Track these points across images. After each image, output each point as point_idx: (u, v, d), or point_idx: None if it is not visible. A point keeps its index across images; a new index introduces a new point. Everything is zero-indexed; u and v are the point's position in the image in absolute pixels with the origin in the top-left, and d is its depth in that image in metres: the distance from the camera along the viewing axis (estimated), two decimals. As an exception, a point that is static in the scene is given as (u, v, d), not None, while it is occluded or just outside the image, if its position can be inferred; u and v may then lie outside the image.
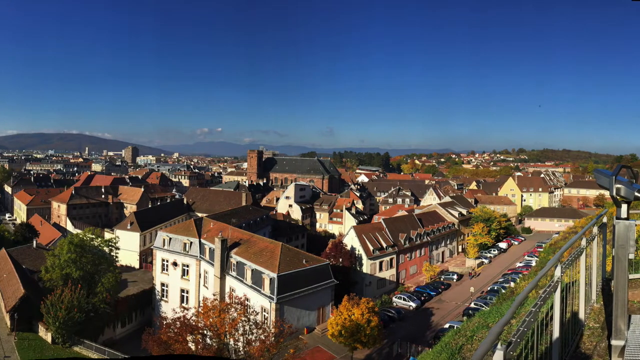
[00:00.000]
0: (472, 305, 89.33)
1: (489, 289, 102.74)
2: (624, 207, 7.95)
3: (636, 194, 7.37)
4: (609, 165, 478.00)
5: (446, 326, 77.13)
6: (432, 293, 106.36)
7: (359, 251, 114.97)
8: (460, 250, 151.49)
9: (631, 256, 8.32)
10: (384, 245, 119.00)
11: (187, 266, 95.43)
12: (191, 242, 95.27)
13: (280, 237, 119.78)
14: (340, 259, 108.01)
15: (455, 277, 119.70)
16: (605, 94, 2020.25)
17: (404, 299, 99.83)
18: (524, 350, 6.40)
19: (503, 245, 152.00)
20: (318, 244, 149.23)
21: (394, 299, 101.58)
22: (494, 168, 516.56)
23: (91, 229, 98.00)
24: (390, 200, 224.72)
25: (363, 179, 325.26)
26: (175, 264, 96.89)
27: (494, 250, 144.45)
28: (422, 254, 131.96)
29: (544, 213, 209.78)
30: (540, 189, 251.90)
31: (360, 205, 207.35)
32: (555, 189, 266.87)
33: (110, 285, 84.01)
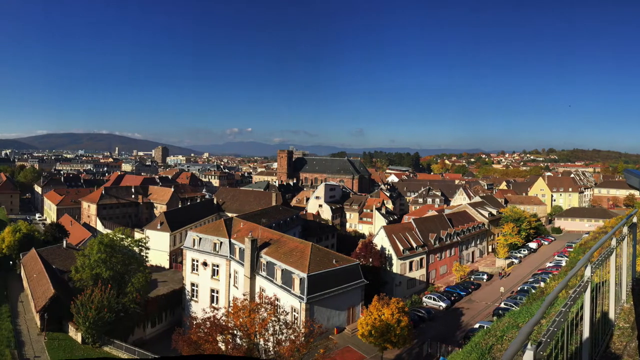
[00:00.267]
0: (502, 305, 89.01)
1: (519, 289, 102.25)
2: None
3: None
4: (639, 165, 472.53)
5: (476, 326, 76.83)
6: (462, 293, 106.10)
7: (389, 251, 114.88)
8: (490, 250, 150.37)
9: None
10: (414, 245, 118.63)
11: (217, 266, 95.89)
12: (221, 242, 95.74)
13: (310, 237, 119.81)
14: (370, 259, 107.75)
15: (485, 277, 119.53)
16: (636, 92, 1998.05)
17: (434, 299, 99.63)
18: (553, 350, 6.38)
19: (533, 245, 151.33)
20: (348, 244, 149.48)
21: (424, 299, 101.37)
22: (524, 168, 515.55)
23: (121, 229, 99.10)
24: (420, 200, 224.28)
25: (393, 179, 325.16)
26: (205, 264, 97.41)
27: (524, 250, 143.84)
28: (452, 254, 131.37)
29: (574, 213, 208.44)
30: (570, 189, 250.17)
31: (390, 205, 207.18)
32: (585, 189, 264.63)
33: (140, 285, 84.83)
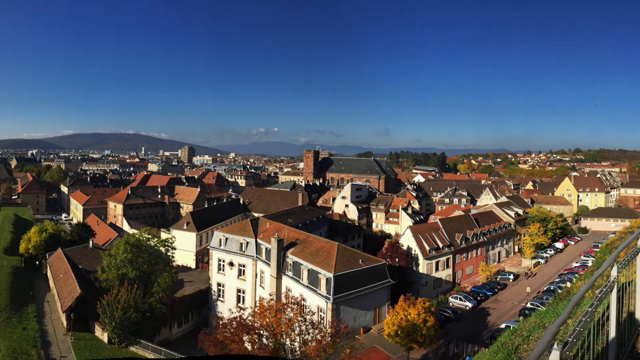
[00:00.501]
0: (529, 305, 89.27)
1: (545, 289, 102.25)
2: None
3: None
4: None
5: (502, 326, 76.77)
6: (489, 293, 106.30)
7: (415, 251, 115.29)
8: (516, 250, 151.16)
9: None
10: (441, 245, 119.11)
11: (244, 266, 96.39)
12: (247, 242, 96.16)
13: (337, 237, 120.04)
14: (397, 259, 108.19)
15: (511, 277, 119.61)
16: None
17: (460, 299, 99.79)
18: (580, 350, 6.38)
19: (559, 245, 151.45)
20: (374, 244, 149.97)
21: (450, 298, 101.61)
22: (550, 168, 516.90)
23: (147, 229, 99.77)
24: (447, 200, 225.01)
25: (419, 179, 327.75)
26: (231, 264, 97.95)
27: (550, 250, 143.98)
28: (479, 254, 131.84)
29: (600, 213, 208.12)
30: (597, 189, 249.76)
31: (416, 205, 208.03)
32: (611, 189, 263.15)
33: (166, 285, 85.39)
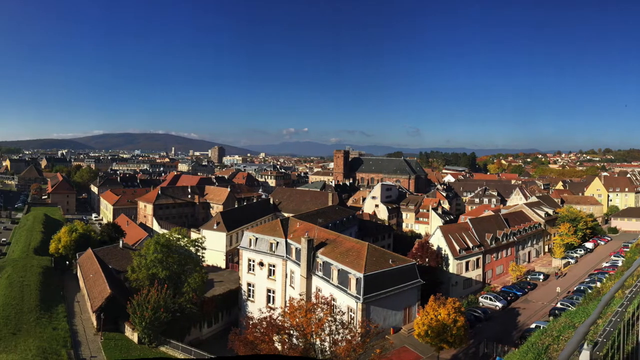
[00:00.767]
0: (559, 305, 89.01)
1: (575, 289, 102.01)
2: None
3: None
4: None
5: (532, 326, 77.16)
6: (519, 293, 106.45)
7: (445, 251, 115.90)
8: (546, 250, 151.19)
9: None
10: (471, 245, 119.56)
11: (274, 266, 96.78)
12: (277, 242, 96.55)
13: (367, 237, 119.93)
14: (427, 259, 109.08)
15: (541, 277, 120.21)
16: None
17: (491, 299, 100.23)
18: (610, 350, 6.37)
19: (589, 245, 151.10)
20: (404, 244, 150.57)
21: (480, 298, 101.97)
22: (580, 168, 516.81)
23: (177, 229, 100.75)
24: (477, 200, 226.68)
25: (449, 179, 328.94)
26: (261, 264, 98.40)
27: (580, 250, 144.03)
28: (509, 254, 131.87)
29: (630, 213, 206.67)
30: (627, 189, 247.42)
31: (446, 205, 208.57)
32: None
33: (196, 285, 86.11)
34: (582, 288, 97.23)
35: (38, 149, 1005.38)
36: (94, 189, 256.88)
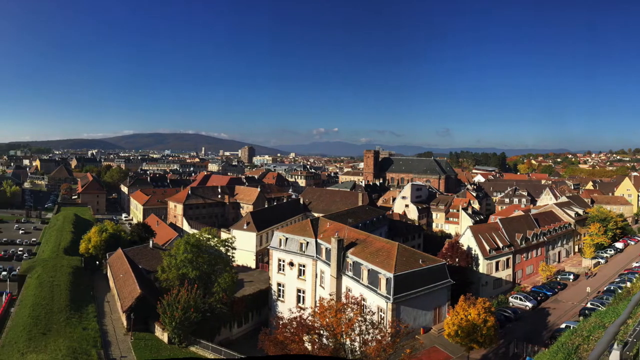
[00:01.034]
0: (589, 305, 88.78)
1: (605, 289, 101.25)
2: None
3: None
4: None
5: (562, 326, 76.96)
6: (549, 293, 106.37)
7: (475, 251, 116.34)
8: (576, 250, 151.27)
9: None
10: (501, 245, 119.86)
11: (304, 266, 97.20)
12: (307, 242, 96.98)
13: (397, 237, 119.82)
14: (457, 259, 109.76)
15: (571, 277, 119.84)
16: None
17: (521, 299, 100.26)
18: None
19: (619, 245, 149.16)
20: (434, 244, 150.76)
21: (510, 298, 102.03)
22: (610, 168, 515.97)
23: (207, 229, 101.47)
24: (507, 200, 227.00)
25: (479, 179, 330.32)
26: (291, 264, 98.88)
27: (610, 250, 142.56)
28: (539, 254, 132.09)
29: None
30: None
31: (476, 205, 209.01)
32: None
33: (226, 285, 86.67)
34: (612, 288, 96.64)
35: (68, 149, 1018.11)
36: (124, 189, 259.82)
